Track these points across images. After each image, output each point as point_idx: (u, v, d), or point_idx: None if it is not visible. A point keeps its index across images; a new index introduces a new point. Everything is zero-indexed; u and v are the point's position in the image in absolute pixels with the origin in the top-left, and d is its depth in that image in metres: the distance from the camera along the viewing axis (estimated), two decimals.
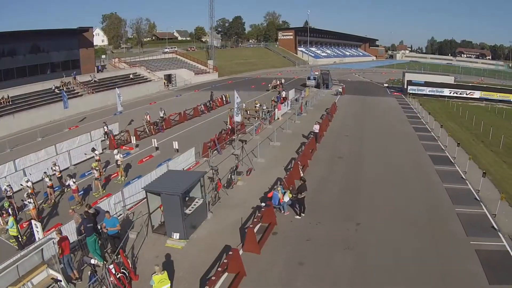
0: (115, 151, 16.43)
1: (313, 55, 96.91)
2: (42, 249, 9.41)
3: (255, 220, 10.85)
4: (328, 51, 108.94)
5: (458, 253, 10.83)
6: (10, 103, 31.42)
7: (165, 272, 7.71)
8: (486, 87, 46.47)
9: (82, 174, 17.28)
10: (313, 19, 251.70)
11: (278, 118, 27.64)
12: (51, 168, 15.48)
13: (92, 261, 8.59)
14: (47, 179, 14.21)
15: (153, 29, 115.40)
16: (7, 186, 13.78)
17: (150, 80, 48.00)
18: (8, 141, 23.88)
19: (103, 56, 63.09)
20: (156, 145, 19.75)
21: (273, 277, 9.47)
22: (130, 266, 8.97)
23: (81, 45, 44.13)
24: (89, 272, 8.57)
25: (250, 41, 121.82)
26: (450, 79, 46.42)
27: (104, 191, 14.84)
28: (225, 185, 14.46)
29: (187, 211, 10.87)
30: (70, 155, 18.56)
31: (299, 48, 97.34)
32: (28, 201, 12.41)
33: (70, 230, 10.52)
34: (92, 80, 41.24)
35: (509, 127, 30.55)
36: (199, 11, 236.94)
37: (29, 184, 13.72)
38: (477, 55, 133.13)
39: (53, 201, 14.45)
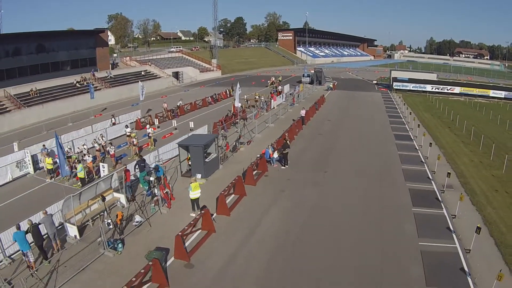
0: (147, 125, 21.29)
1: (311, 54, 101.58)
2: (110, 179, 14.18)
3: (252, 163, 15.69)
4: (326, 51, 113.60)
5: (396, 191, 15.54)
6: (38, 94, 35.74)
7: (197, 182, 12.43)
8: (466, 83, 50.98)
9: (118, 146, 22.04)
10: (313, 19, 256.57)
11: (273, 107, 32.37)
12: (99, 138, 20.33)
13: (151, 178, 13.40)
14: (96, 144, 19.07)
15: (157, 29, 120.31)
16: (69, 148, 18.73)
17: (159, 77, 52.62)
18: (44, 125, 28.57)
19: (115, 55, 67.79)
20: (175, 125, 24.57)
21: (264, 197, 14.42)
22: (171, 189, 13.72)
23: (97, 45, 48.65)
24: (147, 188, 13.31)
25: (251, 41, 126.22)
26: (433, 76, 50.94)
27: (139, 155, 19.60)
28: (231, 150, 19.27)
29: (207, 160, 15.72)
30: (107, 132, 23.36)
31: (298, 48, 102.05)
32: (88, 156, 17.21)
33: None
34: (108, 76, 45.77)
35: (479, 117, 35.22)
36: (201, 12, 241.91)
37: (85, 147, 18.62)
38: (475, 55, 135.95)
39: (99, 162, 19.21)
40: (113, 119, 26.38)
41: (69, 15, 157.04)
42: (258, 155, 16.85)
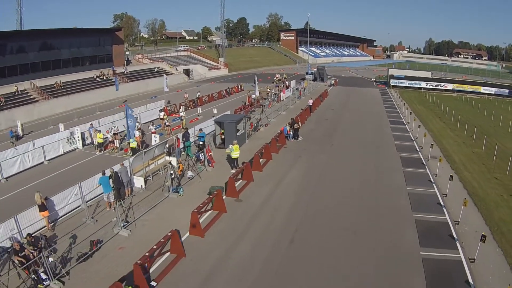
0: (181, 109, 24.96)
1: (312, 54, 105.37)
2: (165, 145, 17.75)
3: (274, 137, 19.55)
4: (327, 51, 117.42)
5: (389, 158, 19.28)
6: (62, 87, 38.91)
7: (237, 145, 16.11)
8: (458, 80, 54.61)
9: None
10: (314, 20, 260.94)
11: (283, 100, 36.10)
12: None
13: (200, 142, 17.05)
14: (137, 124, 22.63)
15: (163, 28, 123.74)
16: (114, 127, 22.21)
17: (171, 73, 56.02)
18: (75, 113, 31.93)
19: (127, 52, 71.12)
20: (199, 112, 28.28)
21: (286, 160, 18.36)
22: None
23: (113, 42, 51.80)
24: (197, 150, 16.96)
25: (254, 41, 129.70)
26: (427, 74, 54.69)
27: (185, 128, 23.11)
28: (253, 130, 23.02)
29: (237, 134, 19.36)
30: (140, 116, 26.92)
31: (299, 48, 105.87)
32: (136, 131, 20.74)
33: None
34: (125, 72, 49.17)
35: (468, 110, 38.83)
36: (204, 12, 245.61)
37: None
38: (473, 55, 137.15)
39: (141, 139, 22.78)
40: None
41: (72, 14, 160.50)
42: (279, 131, 20.64)
